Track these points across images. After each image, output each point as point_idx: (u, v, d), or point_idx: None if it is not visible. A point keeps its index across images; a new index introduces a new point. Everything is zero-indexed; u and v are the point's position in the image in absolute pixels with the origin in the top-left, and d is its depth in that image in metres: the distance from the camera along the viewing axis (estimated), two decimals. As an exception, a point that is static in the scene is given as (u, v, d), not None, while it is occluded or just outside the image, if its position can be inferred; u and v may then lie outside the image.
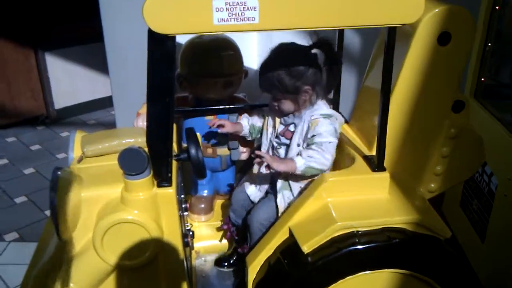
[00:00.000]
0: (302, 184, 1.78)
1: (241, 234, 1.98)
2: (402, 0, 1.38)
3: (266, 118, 1.92)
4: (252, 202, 1.91)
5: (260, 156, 1.69)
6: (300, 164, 1.66)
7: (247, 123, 1.97)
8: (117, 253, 1.55)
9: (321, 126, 1.71)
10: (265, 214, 1.81)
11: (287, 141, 1.80)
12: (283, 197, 1.79)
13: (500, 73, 2.54)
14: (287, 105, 1.76)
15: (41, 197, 3.28)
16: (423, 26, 1.57)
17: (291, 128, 1.80)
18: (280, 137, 1.82)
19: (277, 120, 1.85)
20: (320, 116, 1.73)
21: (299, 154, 1.71)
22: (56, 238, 1.61)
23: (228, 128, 1.93)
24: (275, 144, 1.84)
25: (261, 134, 1.94)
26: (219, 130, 1.95)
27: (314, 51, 1.75)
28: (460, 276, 1.59)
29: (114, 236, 1.53)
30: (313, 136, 1.71)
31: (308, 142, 1.72)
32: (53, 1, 4.10)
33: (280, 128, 1.84)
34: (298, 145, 1.75)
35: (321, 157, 1.67)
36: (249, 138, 2.03)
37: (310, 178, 1.75)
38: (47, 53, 4.24)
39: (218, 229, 2.16)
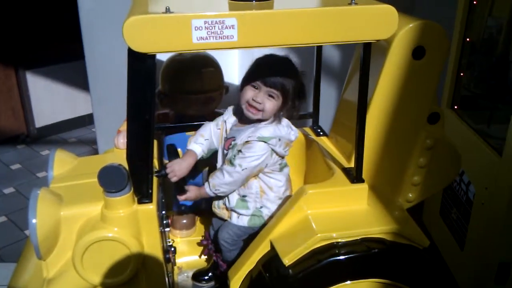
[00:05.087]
0: (257, 203, 1.79)
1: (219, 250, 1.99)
2: (376, 17, 1.42)
3: (223, 124, 1.84)
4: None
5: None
6: (210, 192, 1.75)
7: (201, 150, 1.81)
8: (97, 272, 1.54)
9: (249, 148, 1.68)
10: (226, 233, 1.84)
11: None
12: (238, 216, 1.81)
13: (475, 84, 2.61)
14: (272, 106, 1.67)
15: (21, 217, 3.24)
16: (398, 41, 1.61)
17: (233, 142, 1.76)
18: (225, 150, 1.79)
19: (228, 130, 1.81)
20: (256, 139, 1.68)
21: (207, 181, 1.75)
22: (35, 258, 1.59)
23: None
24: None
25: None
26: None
27: None
28: (439, 284, 1.61)
29: (94, 254, 1.52)
30: (239, 152, 1.69)
31: (230, 158, 1.71)
32: (34, 21, 4.11)
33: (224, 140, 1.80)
34: None
35: (223, 185, 1.72)
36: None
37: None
38: (28, 72, 4.22)
39: (199, 244, 2.16)
